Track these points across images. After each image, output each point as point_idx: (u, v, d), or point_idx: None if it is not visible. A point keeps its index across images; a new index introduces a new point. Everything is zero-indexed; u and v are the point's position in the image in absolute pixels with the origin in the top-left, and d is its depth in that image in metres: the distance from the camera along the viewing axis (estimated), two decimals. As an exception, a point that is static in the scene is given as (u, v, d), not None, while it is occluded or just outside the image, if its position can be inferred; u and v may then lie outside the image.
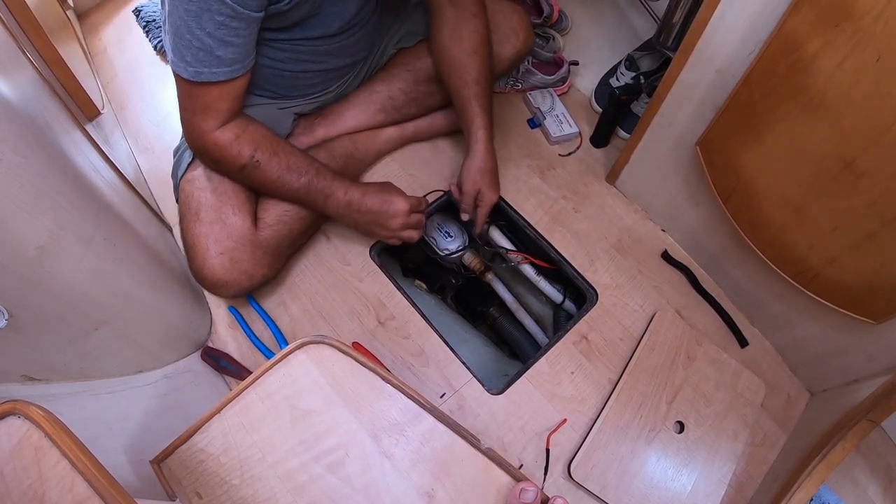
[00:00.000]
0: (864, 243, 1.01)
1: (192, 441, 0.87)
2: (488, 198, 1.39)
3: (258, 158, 1.22)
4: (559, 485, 1.24)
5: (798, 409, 1.36)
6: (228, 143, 1.19)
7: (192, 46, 1.04)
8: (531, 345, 1.64)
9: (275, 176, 1.25)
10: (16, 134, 0.89)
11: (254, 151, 1.21)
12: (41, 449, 0.61)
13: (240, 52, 1.09)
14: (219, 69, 1.08)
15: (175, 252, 1.46)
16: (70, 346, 1.03)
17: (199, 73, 1.07)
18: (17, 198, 0.84)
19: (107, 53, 2.02)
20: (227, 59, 1.08)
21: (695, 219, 1.44)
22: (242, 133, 1.20)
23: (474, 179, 1.38)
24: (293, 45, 1.25)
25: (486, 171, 1.38)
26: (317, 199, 1.30)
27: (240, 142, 1.20)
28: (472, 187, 1.39)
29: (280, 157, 1.24)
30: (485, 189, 1.38)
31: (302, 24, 1.21)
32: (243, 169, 1.23)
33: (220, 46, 1.05)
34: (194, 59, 1.06)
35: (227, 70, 1.09)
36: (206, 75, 1.08)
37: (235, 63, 1.10)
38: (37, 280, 0.90)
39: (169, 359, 1.29)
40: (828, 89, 0.92)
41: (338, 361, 0.92)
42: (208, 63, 1.06)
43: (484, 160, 1.38)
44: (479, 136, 1.37)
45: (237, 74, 1.11)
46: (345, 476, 0.85)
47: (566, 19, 1.93)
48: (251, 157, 1.21)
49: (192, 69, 1.07)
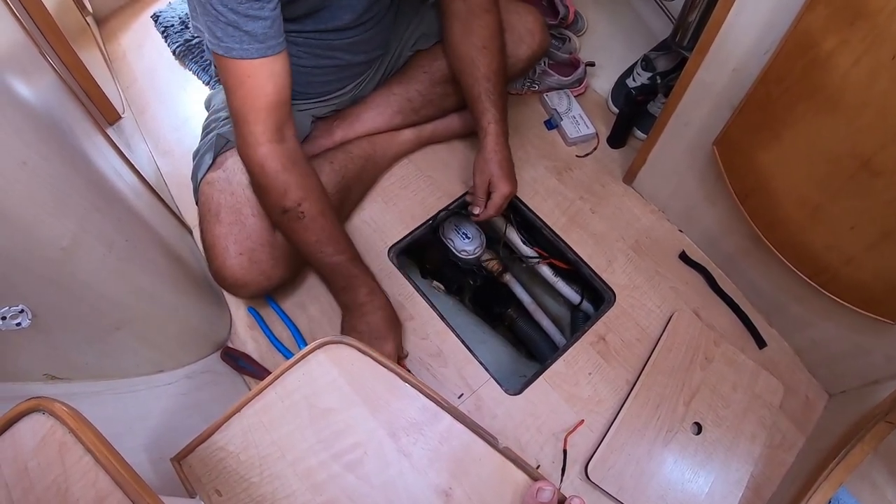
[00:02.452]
0: (882, 243, 1.00)
1: (212, 439, 0.88)
2: (500, 188, 1.36)
3: (304, 210, 1.19)
4: (576, 485, 1.24)
5: (816, 411, 1.36)
6: (274, 174, 1.16)
7: (221, 22, 1.03)
8: (549, 346, 1.64)
9: (313, 239, 1.22)
10: (39, 138, 0.90)
11: (301, 199, 1.18)
12: (65, 444, 0.62)
13: (269, 27, 1.06)
14: (251, 46, 1.06)
15: (195, 254, 1.48)
16: (92, 345, 1.04)
17: (230, 49, 1.06)
18: (41, 200, 0.86)
19: (126, 58, 2.04)
20: (258, 35, 1.05)
21: (712, 219, 1.44)
22: (292, 167, 1.17)
23: (483, 170, 1.37)
24: (305, 39, 1.26)
25: (496, 162, 1.36)
26: (337, 283, 1.28)
27: (287, 177, 1.17)
28: (481, 178, 1.38)
29: (326, 220, 1.22)
30: (495, 180, 1.36)
31: (313, 16, 1.22)
32: (285, 212, 1.19)
33: (246, 21, 1.03)
34: (224, 35, 1.05)
35: (260, 47, 1.06)
36: (237, 52, 1.06)
37: (269, 39, 1.07)
38: (60, 281, 0.91)
39: (189, 359, 1.30)
40: (844, 88, 0.92)
41: (357, 361, 0.92)
42: (239, 39, 1.05)
43: (493, 151, 1.36)
44: (490, 130, 1.36)
45: (271, 52, 1.08)
46: (363, 474, 0.85)
47: (582, 20, 1.93)
48: (297, 203, 1.18)
49: (224, 45, 1.06)
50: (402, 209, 1.59)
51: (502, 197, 1.37)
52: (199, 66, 1.94)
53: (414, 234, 1.56)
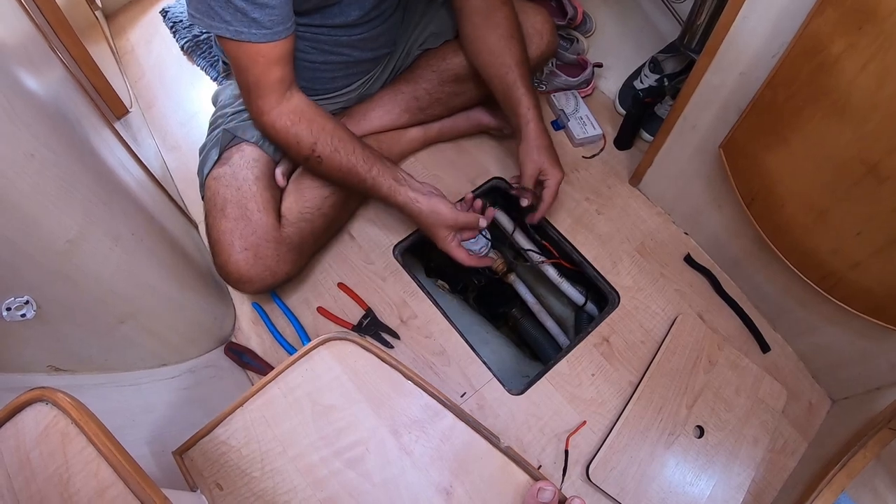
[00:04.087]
0: (889, 248, 1.00)
1: (215, 433, 0.89)
2: (553, 175, 1.35)
3: (319, 154, 1.23)
4: (577, 486, 1.24)
5: (819, 417, 1.35)
6: (285, 130, 1.21)
7: (230, 7, 1.04)
8: (552, 346, 1.64)
9: (337, 175, 1.27)
10: (47, 131, 0.90)
11: (313, 144, 1.22)
12: (67, 435, 0.62)
13: (277, 14, 1.07)
14: (259, 31, 1.08)
15: (200, 249, 1.48)
16: (96, 338, 1.05)
17: (238, 32, 1.07)
18: (48, 193, 0.86)
19: (134, 53, 2.05)
20: (265, 22, 1.07)
21: (718, 222, 1.44)
22: (299, 120, 1.21)
23: (533, 159, 1.35)
24: (313, 34, 1.27)
25: (545, 148, 1.35)
26: (383, 200, 1.31)
27: (297, 129, 1.21)
28: (533, 167, 1.35)
29: (340, 154, 1.24)
30: (547, 167, 1.34)
31: (322, 11, 1.22)
32: (307, 160, 1.25)
33: (254, 9, 1.04)
34: (233, 19, 1.06)
35: (267, 32, 1.08)
36: (246, 35, 1.08)
37: (276, 25, 1.09)
38: (65, 273, 0.91)
39: (193, 353, 1.30)
40: (852, 92, 0.91)
41: (360, 358, 0.93)
42: (247, 24, 1.06)
43: (540, 138, 1.35)
44: (531, 116, 1.34)
45: (278, 38, 1.10)
46: (364, 471, 0.85)
47: (590, 21, 1.93)
48: (311, 149, 1.23)
49: (232, 28, 1.07)
50: (409, 207, 1.58)
51: (557, 183, 1.35)
52: (208, 62, 1.95)
53: (419, 233, 1.56)
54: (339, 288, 1.47)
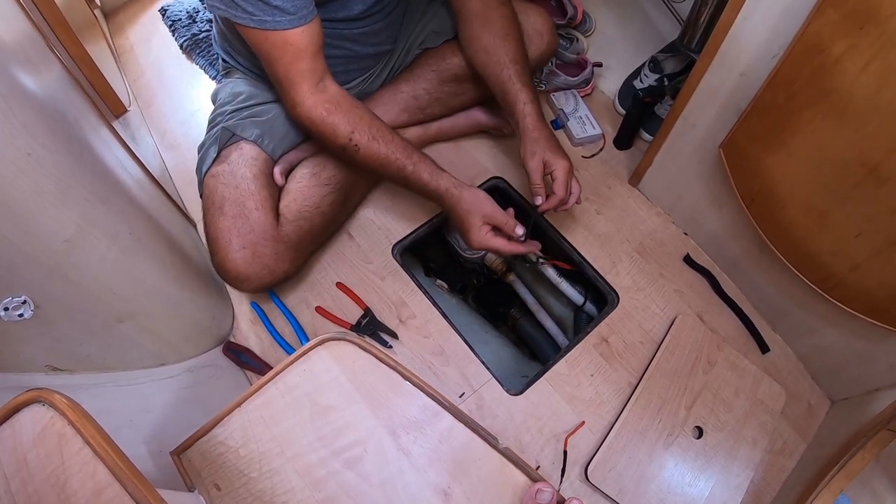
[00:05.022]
0: (889, 250, 1.00)
1: (213, 433, 0.88)
2: (559, 164, 1.31)
3: (356, 142, 1.24)
4: (576, 487, 1.23)
5: (818, 418, 1.35)
6: (321, 120, 1.22)
7: None
8: (551, 346, 1.63)
9: (375, 164, 1.27)
10: (45, 130, 0.90)
11: (350, 133, 1.23)
12: (64, 436, 0.62)
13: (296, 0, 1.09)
14: (283, 17, 1.09)
15: (199, 248, 1.48)
16: (94, 337, 1.04)
17: (262, 21, 1.09)
18: (46, 192, 0.86)
19: (133, 52, 2.05)
20: (287, 8, 1.08)
21: (717, 223, 1.44)
22: (335, 110, 1.23)
23: (533, 151, 1.32)
24: None
25: (545, 139, 1.33)
26: (419, 193, 1.32)
27: (333, 119, 1.22)
28: (537, 161, 1.33)
29: (379, 143, 1.26)
30: (550, 157, 1.31)
31: (325, 5, 1.22)
32: (344, 150, 1.26)
33: None
34: (255, 9, 1.07)
35: (292, 18, 1.10)
36: (270, 24, 1.09)
37: (300, 10, 1.10)
38: (63, 272, 0.91)
39: (191, 352, 1.30)
40: (852, 93, 0.91)
41: (358, 358, 0.92)
42: (270, 12, 1.08)
43: (538, 129, 1.33)
44: (528, 111, 1.33)
45: (304, 22, 1.12)
46: (362, 472, 0.85)
47: (590, 21, 1.92)
48: (348, 138, 1.24)
49: (256, 18, 1.08)
50: (407, 207, 1.58)
51: (565, 171, 1.31)
52: (207, 61, 1.95)
53: (418, 233, 1.56)
54: (338, 287, 1.46)
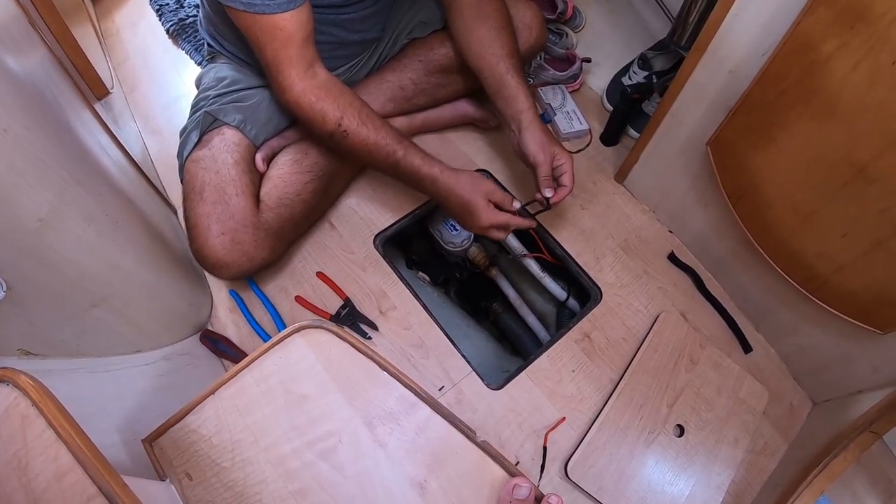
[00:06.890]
0: (874, 252, 1.00)
1: (185, 421, 0.87)
2: (567, 158, 1.33)
3: (345, 128, 1.23)
4: (555, 483, 1.23)
5: (800, 418, 1.35)
6: (310, 106, 1.21)
7: None
8: (533, 341, 1.63)
9: (363, 150, 1.26)
10: (22, 107, 0.89)
11: (339, 118, 1.22)
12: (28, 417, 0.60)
13: None
14: (272, 1, 1.08)
15: (178, 234, 1.46)
16: (68, 322, 1.02)
17: (252, 4, 1.08)
18: (21, 169, 0.84)
19: (119, 36, 2.03)
20: None
21: (703, 221, 1.43)
22: (325, 96, 1.22)
23: (543, 146, 1.32)
24: None
25: (549, 133, 1.34)
26: (409, 180, 1.31)
27: (322, 105, 1.21)
28: (546, 156, 1.32)
29: (368, 129, 1.24)
30: (558, 152, 1.33)
31: None
32: (332, 136, 1.25)
33: None
34: None
35: (280, 2, 1.09)
36: (259, 7, 1.08)
37: None
38: (37, 253, 0.89)
39: (168, 340, 1.28)
40: (842, 92, 0.91)
41: (335, 347, 0.91)
42: None
43: (541, 124, 1.34)
44: (529, 105, 1.33)
45: (293, 6, 1.11)
46: (337, 463, 0.84)
47: (580, 16, 1.92)
48: (337, 124, 1.23)
49: (245, 1, 1.08)
50: (390, 197, 1.57)
51: (572, 164, 1.33)
52: (192, 46, 1.93)
53: (401, 223, 1.54)
54: (318, 277, 1.45)
